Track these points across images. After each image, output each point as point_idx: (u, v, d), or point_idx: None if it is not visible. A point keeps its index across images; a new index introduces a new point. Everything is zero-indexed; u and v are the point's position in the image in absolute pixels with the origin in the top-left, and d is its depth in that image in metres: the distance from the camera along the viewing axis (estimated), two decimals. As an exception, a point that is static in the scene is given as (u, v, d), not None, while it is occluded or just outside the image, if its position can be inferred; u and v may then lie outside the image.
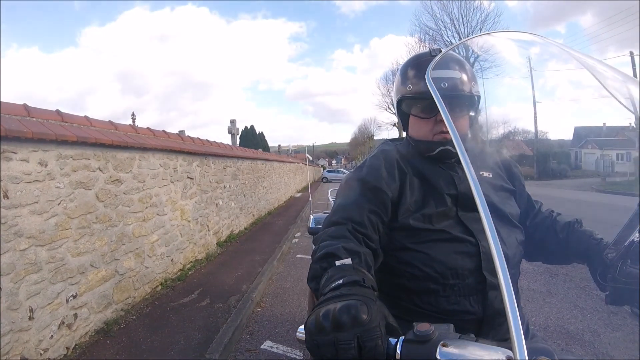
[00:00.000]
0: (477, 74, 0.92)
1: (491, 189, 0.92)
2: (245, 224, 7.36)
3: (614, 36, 26.34)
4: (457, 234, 0.81)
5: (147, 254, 3.57)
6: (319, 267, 0.70)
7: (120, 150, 3.20)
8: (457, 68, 0.85)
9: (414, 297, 0.82)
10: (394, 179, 0.86)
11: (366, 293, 0.56)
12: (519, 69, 0.87)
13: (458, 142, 0.59)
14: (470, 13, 20.37)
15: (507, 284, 0.44)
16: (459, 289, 0.79)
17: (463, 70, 0.86)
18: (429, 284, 0.79)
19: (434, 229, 0.81)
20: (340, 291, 0.56)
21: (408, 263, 0.82)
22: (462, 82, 0.85)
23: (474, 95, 0.87)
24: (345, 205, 0.85)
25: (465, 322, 0.78)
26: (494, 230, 0.49)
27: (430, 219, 0.82)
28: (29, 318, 2.17)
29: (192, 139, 5.31)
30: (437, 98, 0.68)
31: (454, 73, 0.84)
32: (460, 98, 0.85)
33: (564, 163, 4.60)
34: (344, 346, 0.49)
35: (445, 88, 0.82)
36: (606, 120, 3.90)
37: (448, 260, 0.79)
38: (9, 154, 2.12)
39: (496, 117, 1.18)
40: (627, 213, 0.79)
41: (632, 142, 2.44)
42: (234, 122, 10.39)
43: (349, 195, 0.87)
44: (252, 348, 2.71)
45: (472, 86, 0.86)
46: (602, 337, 2.52)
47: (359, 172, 0.91)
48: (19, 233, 2.15)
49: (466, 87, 0.85)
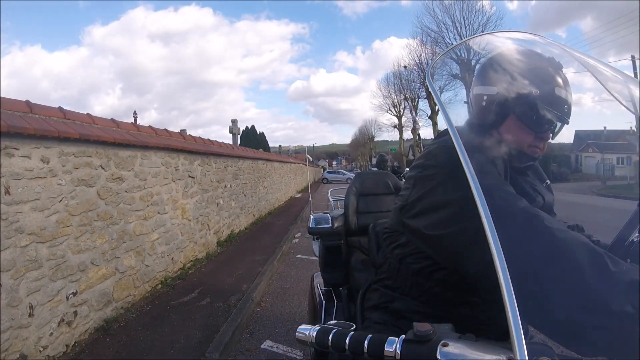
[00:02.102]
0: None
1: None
2: (245, 223, 7.36)
3: (615, 40, 26.33)
4: None
5: (147, 252, 3.57)
6: None
7: (122, 148, 3.21)
8: (571, 92, 0.80)
9: (452, 308, 0.81)
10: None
11: None
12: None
13: (460, 148, 0.59)
14: (472, 15, 20.33)
15: (507, 284, 0.44)
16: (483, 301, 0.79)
17: (572, 96, 0.81)
18: (472, 296, 0.80)
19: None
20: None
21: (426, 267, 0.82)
22: (571, 109, 0.80)
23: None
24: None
25: (492, 326, 0.75)
26: (495, 232, 0.49)
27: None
28: (29, 315, 2.18)
29: (193, 138, 5.31)
30: (442, 108, 0.69)
31: (570, 98, 0.79)
32: (564, 126, 0.82)
33: (564, 166, 4.61)
34: None
35: (566, 112, 0.78)
36: (607, 124, 3.91)
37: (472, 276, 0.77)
38: (10, 150, 2.13)
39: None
40: (627, 216, 0.79)
41: (633, 146, 2.46)
42: (235, 122, 10.40)
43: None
44: (252, 347, 2.71)
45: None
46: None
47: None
48: (20, 229, 2.15)
49: (570, 116, 0.81)
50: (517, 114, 0.80)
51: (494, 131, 0.83)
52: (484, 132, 0.84)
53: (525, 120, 0.80)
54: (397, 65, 27.74)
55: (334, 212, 1.99)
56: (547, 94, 0.77)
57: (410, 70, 25.58)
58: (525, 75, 0.80)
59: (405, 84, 27.26)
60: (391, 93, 30.08)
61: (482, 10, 20.17)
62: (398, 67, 27.35)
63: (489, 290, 0.74)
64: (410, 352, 0.49)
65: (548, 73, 0.79)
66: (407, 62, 25.13)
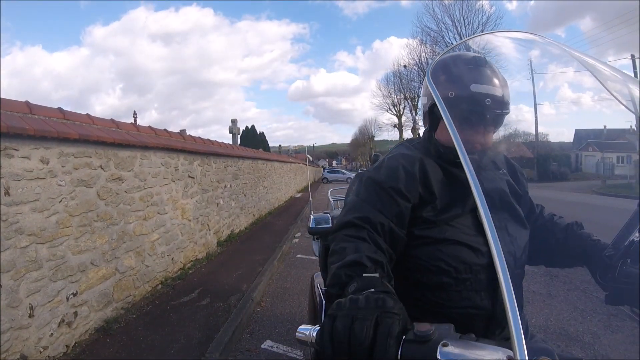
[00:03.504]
0: None
1: (507, 187, 0.93)
2: (245, 223, 7.36)
3: (614, 39, 26.29)
4: (474, 231, 0.82)
5: (147, 253, 3.57)
6: (343, 274, 0.70)
7: (121, 149, 3.21)
8: (498, 84, 0.84)
9: (426, 291, 0.83)
10: (414, 181, 0.85)
11: (394, 298, 0.58)
12: (520, 70, 0.86)
13: (461, 148, 0.59)
14: (472, 15, 20.33)
15: (507, 284, 0.44)
16: (471, 283, 0.80)
17: (504, 87, 0.84)
18: (442, 277, 0.81)
19: (452, 225, 0.83)
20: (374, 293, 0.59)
21: (422, 257, 0.83)
22: (503, 99, 0.83)
23: (509, 112, 0.87)
24: (360, 206, 0.85)
25: (474, 317, 0.80)
26: (494, 229, 0.49)
27: (450, 216, 0.83)
28: (29, 316, 2.18)
29: (193, 138, 5.31)
30: (443, 108, 0.69)
31: (496, 90, 0.82)
32: (501, 116, 0.85)
33: (565, 165, 4.61)
34: (361, 319, 0.52)
35: (489, 105, 0.81)
36: (607, 123, 3.86)
37: (462, 255, 0.80)
38: (10, 151, 2.13)
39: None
40: (627, 215, 0.79)
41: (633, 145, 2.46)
42: (235, 121, 10.40)
43: (365, 197, 0.87)
44: (252, 347, 2.71)
45: (508, 102, 0.85)
46: (601, 339, 2.51)
47: (377, 173, 0.90)
48: (19, 230, 2.15)
49: (505, 106, 0.84)
50: (442, 117, 0.84)
51: (432, 134, 0.93)
52: (430, 136, 0.94)
53: (464, 117, 0.84)
54: (397, 64, 27.80)
55: (334, 212, 1.99)
56: (464, 92, 0.83)
57: (410, 70, 25.64)
58: (447, 80, 0.87)
59: (405, 83, 27.34)
60: (391, 92, 30.15)
61: (482, 9, 20.19)
62: (398, 66, 27.41)
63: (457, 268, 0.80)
64: (410, 352, 0.49)
65: (467, 73, 0.84)
66: (407, 61, 25.20)
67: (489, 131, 0.86)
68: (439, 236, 0.82)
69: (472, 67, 0.85)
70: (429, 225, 0.83)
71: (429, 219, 0.83)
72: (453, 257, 0.80)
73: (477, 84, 0.82)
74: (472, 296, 0.80)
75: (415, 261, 0.84)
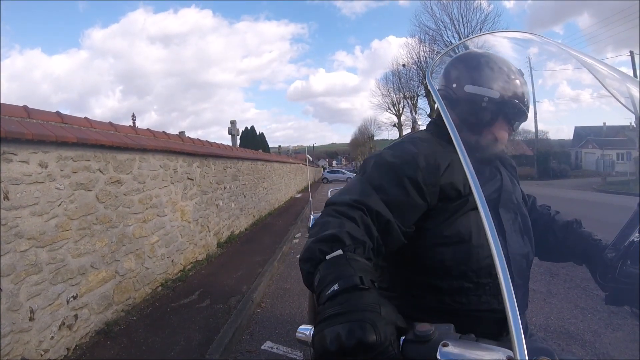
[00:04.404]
0: None
1: (517, 187, 0.93)
2: (245, 224, 7.36)
3: (612, 36, 26.38)
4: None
5: (147, 255, 3.57)
6: (317, 249, 0.64)
7: (120, 152, 3.20)
8: (494, 87, 0.84)
9: (445, 296, 0.81)
10: (435, 174, 0.78)
11: (368, 303, 0.52)
12: (519, 69, 0.86)
13: (461, 148, 0.59)
14: (470, 13, 20.39)
15: (507, 284, 0.44)
16: (490, 287, 0.79)
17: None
18: (463, 282, 0.80)
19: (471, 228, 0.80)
20: (340, 307, 0.52)
21: (443, 260, 0.80)
22: (528, 100, 0.86)
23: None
24: (361, 189, 0.77)
25: (490, 321, 0.79)
26: (494, 229, 0.49)
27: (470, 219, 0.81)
28: (30, 319, 2.17)
29: (192, 139, 5.31)
30: (442, 108, 0.69)
31: (493, 92, 0.83)
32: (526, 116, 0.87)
33: (564, 163, 4.58)
34: (344, 324, 0.48)
35: (486, 104, 0.83)
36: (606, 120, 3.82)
37: (483, 259, 0.78)
38: (9, 156, 2.12)
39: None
40: (626, 213, 0.79)
41: (633, 142, 2.46)
42: (234, 123, 10.40)
43: (370, 178, 0.79)
44: (253, 349, 2.71)
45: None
46: (602, 338, 2.51)
47: (392, 155, 0.81)
48: (19, 234, 2.15)
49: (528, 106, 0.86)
50: (505, 114, 0.85)
51: (486, 130, 0.86)
52: (475, 130, 0.87)
53: (508, 118, 0.85)
54: (396, 64, 27.82)
55: None
56: (518, 92, 0.83)
57: (408, 69, 25.67)
58: (506, 79, 0.84)
59: (404, 82, 27.37)
60: (390, 92, 30.19)
61: (480, 7, 20.24)
62: (397, 65, 27.42)
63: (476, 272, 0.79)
64: (411, 352, 0.49)
65: (511, 73, 0.85)
66: (406, 60, 25.23)
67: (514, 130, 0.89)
68: (462, 238, 0.80)
69: (508, 68, 0.85)
70: (449, 224, 0.80)
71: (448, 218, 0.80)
72: (475, 260, 0.79)
73: (470, 86, 0.83)
74: (490, 300, 0.80)
75: (435, 265, 0.81)
